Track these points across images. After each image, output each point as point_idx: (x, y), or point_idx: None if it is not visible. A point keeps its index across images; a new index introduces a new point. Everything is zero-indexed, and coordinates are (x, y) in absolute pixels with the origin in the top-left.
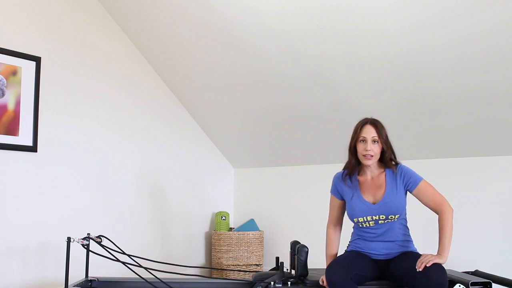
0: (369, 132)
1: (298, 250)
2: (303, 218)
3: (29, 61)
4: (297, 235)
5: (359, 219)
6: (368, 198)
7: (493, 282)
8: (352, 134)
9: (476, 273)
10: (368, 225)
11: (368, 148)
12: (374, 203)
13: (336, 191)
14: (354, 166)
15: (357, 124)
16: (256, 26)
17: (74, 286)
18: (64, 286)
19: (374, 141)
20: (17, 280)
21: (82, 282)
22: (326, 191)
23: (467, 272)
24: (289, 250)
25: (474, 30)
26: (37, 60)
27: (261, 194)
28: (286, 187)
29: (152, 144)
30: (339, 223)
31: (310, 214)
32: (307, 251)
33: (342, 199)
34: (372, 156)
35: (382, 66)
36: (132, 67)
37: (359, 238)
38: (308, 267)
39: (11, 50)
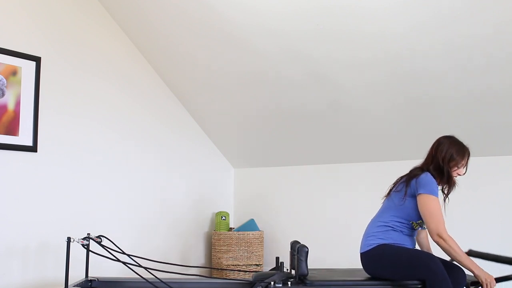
0: (466, 162)
1: (298, 250)
2: (303, 218)
3: (29, 61)
4: (297, 235)
5: (420, 221)
6: None
7: (487, 260)
8: (455, 153)
9: (470, 253)
10: (416, 227)
11: (462, 174)
12: None
13: (438, 193)
14: (442, 180)
15: (462, 147)
16: (256, 26)
17: (74, 286)
18: (64, 286)
19: (464, 169)
20: (17, 280)
21: (82, 282)
22: (326, 191)
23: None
24: (289, 250)
25: (475, 31)
26: (37, 60)
27: (261, 194)
28: (286, 187)
29: (152, 144)
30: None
31: (310, 214)
32: (307, 251)
33: None
34: None
35: (382, 66)
36: (132, 67)
37: (399, 232)
38: (308, 267)
39: (11, 50)
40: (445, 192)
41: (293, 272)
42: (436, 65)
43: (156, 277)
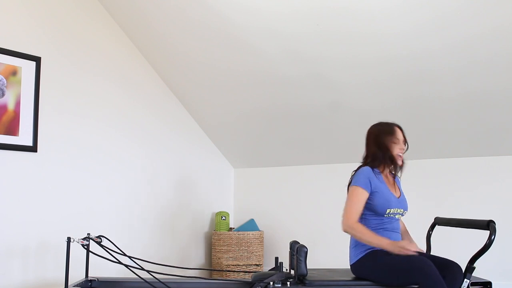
0: (401, 135)
1: (297, 250)
2: (303, 218)
3: (29, 61)
4: (297, 235)
5: (392, 210)
6: (392, 192)
7: (452, 226)
8: (386, 135)
9: (436, 220)
10: (392, 217)
11: (404, 147)
12: (397, 197)
13: (367, 184)
14: (386, 164)
15: (388, 126)
16: (257, 27)
17: (74, 286)
18: (64, 286)
19: (404, 143)
20: (17, 280)
21: (82, 282)
22: (326, 191)
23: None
24: (289, 250)
25: (475, 32)
26: (37, 60)
27: (261, 194)
28: (286, 187)
29: (152, 144)
30: (359, 218)
31: (310, 214)
32: (306, 251)
33: (370, 192)
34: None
35: (382, 67)
36: (133, 67)
37: (382, 230)
38: (308, 267)
39: (11, 50)
40: (393, 172)
41: (292, 272)
42: (436, 65)
43: (155, 277)
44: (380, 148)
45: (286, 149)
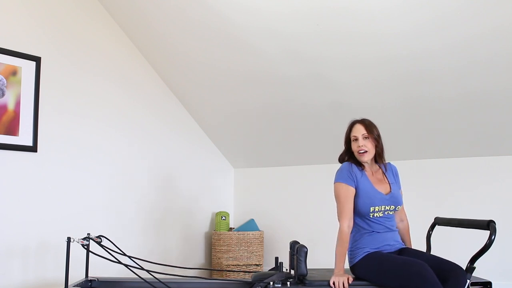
0: (359, 131)
1: (297, 250)
2: (303, 218)
3: (29, 61)
4: (297, 235)
5: (376, 208)
6: (379, 189)
7: (453, 226)
8: (347, 133)
9: (436, 220)
10: (379, 215)
11: (361, 144)
12: (385, 194)
13: (350, 179)
14: (354, 161)
15: (350, 123)
16: (257, 27)
17: (74, 286)
18: (64, 286)
19: (365, 137)
20: (17, 280)
21: (82, 282)
22: (326, 191)
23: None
24: (289, 250)
25: (475, 32)
26: (37, 60)
27: (261, 194)
28: (286, 187)
29: (152, 144)
30: (352, 217)
31: (310, 214)
32: (306, 251)
33: (355, 187)
34: (366, 151)
35: (382, 67)
36: (133, 67)
37: (368, 233)
38: (308, 267)
39: (11, 50)
40: (382, 164)
41: (292, 272)
42: (436, 65)
43: (155, 277)
44: (345, 145)
45: (286, 149)
